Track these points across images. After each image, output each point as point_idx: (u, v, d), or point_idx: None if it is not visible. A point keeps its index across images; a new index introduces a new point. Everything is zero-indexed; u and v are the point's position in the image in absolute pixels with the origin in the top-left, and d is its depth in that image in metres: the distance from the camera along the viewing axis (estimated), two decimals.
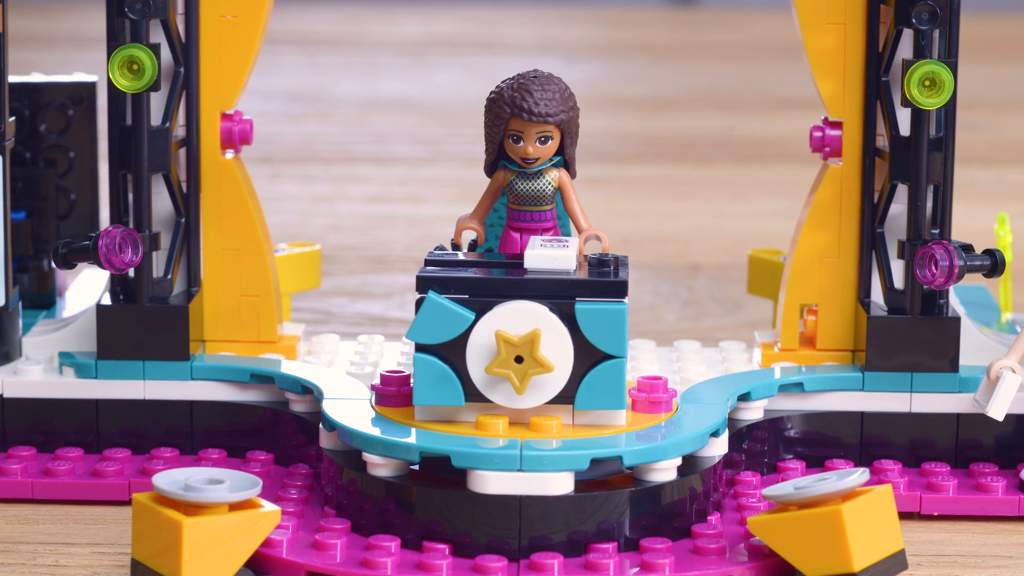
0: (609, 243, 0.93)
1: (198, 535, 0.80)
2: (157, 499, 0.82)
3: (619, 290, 0.88)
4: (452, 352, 0.88)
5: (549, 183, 0.94)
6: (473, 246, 0.95)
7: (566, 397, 0.88)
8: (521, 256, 0.91)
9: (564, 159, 0.94)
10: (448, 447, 0.86)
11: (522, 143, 0.93)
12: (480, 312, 0.87)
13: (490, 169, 0.95)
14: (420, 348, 0.88)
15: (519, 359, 0.87)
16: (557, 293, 0.88)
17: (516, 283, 0.88)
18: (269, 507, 0.83)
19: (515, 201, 0.94)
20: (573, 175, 0.94)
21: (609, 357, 0.87)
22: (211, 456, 0.99)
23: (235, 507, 0.82)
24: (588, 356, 0.88)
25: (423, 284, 0.88)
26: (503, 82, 0.93)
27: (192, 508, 0.81)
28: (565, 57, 2.84)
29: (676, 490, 0.88)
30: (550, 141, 0.93)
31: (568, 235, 0.96)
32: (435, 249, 0.92)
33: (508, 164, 0.94)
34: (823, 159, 1.02)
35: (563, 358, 0.87)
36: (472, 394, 0.88)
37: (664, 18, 3.41)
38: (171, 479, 0.82)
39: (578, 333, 0.87)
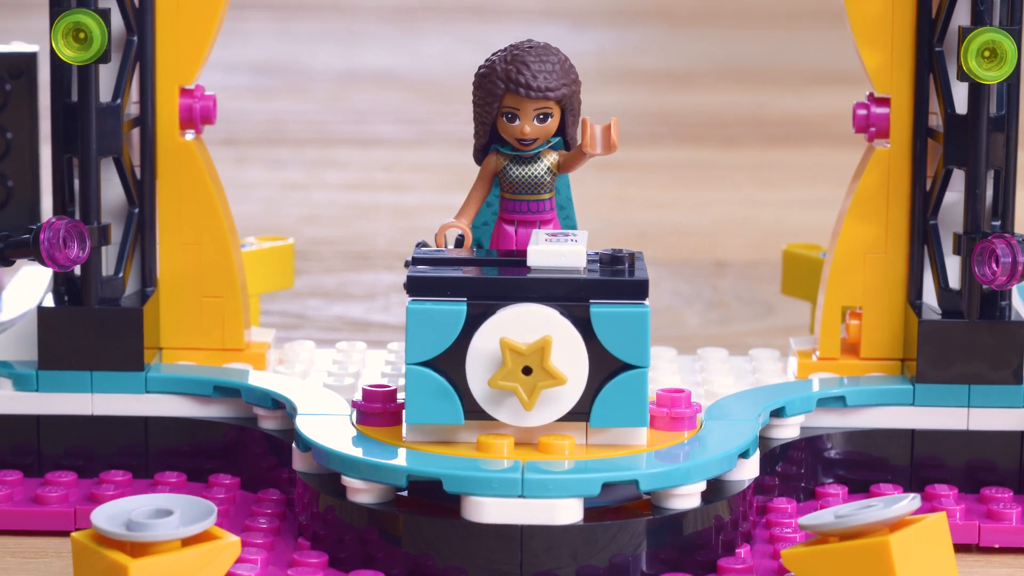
0: (619, 126, 0.91)
1: None
2: (98, 538, 0.82)
3: (640, 290, 0.88)
4: (450, 364, 0.87)
5: (548, 168, 0.94)
6: (460, 243, 0.94)
7: (580, 413, 0.88)
8: (520, 252, 0.91)
9: (564, 140, 0.94)
10: (440, 469, 0.86)
11: (518, 122, 0.93)
12: (481, 316, 0.87)
13: (480, 155, 0.95)
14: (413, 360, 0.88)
15: (527, 370, 0.87)
16: (569, 295, 0.88)
17: (522, 284, 0.88)
18: (228, 537, 0.82)
19: (509, 189, 0.94)
20: None
21: (629, 367, 0.87)
22: (169, 480, 0.99)
23: (188, 541, 0.82)
24: (605, 366, 0.88)
25: (415, 286, 0.88)
26: (494, 54, 0.93)
27: (139, 546, 0.81)
28: (571, 24, 2.85)
29: (700, 519, 0.88)
30: (550, 119, 0.93)
31: (572, 227, 0.96)
32: (418, 245, 0.92)
33: (500, 148, 0.94)
34: (868, 141, 1.02)
35: (577, 369, 0.87)
36: (472, 411, 0.88)
37: None
38: (111, 514, 0.82)
39: (594, 340, 0.87)
